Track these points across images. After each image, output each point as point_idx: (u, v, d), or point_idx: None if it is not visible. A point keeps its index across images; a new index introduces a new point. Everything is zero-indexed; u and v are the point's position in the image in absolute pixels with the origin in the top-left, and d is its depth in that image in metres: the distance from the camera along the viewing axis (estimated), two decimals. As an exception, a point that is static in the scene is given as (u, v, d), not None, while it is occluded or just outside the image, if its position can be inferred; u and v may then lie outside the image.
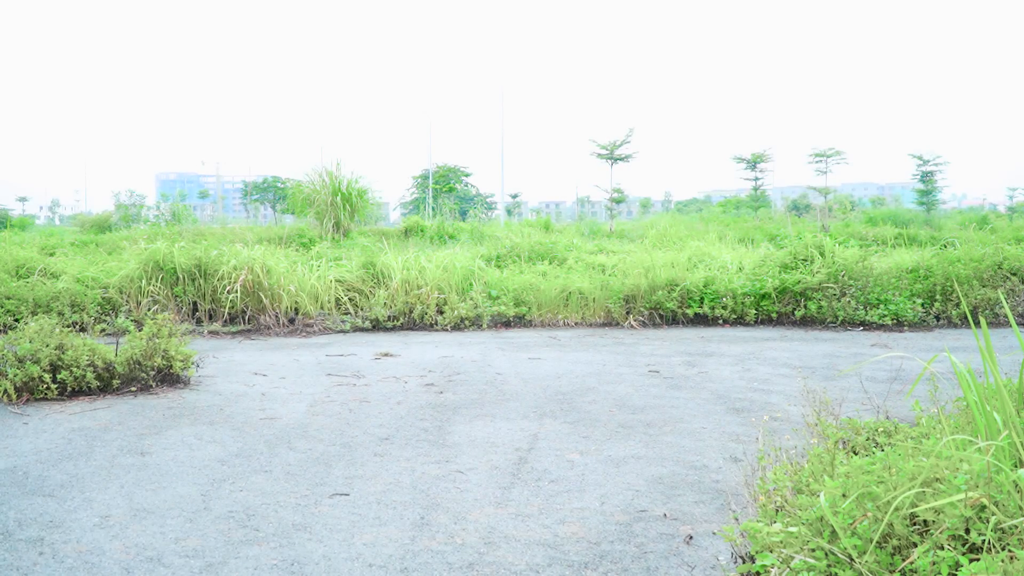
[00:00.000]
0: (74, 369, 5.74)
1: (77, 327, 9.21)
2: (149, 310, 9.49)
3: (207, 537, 3.31)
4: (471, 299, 10.06)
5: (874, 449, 3.25)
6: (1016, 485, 2.18)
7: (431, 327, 9.78)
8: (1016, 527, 2.11)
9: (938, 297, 10.00)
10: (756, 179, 37.31)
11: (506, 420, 5.25)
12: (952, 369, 2.81)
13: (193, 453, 4.50)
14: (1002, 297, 3.88)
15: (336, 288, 10.36)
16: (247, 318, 9.78)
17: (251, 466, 4.27)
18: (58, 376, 5.73)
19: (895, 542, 2.22)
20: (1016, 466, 2.42)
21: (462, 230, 21.92)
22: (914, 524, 2.28)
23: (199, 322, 9.75)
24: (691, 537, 3.30)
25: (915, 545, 2.20)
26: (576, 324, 10.14)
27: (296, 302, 9.87)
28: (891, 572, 2.15)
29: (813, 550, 2.27)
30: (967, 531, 2.15)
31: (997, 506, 2.14)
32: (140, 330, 6.60)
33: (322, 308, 10.19)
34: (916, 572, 2.10)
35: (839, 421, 3.77)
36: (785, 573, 2.26)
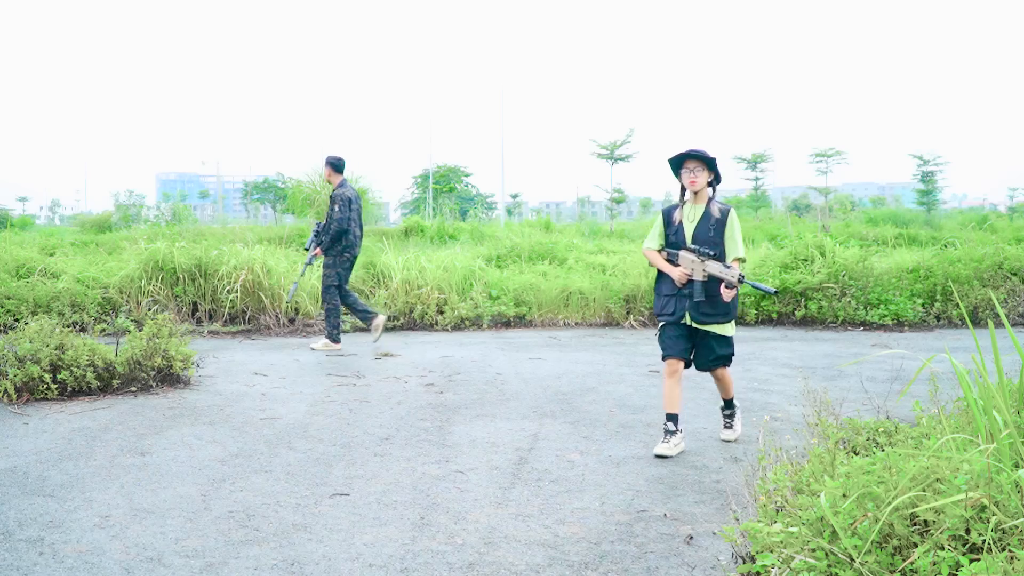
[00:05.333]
0: (74, 369, 5.74)
1: (77, 327, 9.20)
2: (149, 310, 9.48)
3: (207, 537, 3.31)
4: (471, 299, 10.06)
5: (874, 449, 3.25)
6: (1016, 485, 2.18)
7: (431, 327, 9.78)
8: (1016, 527, 2.11)
9: (938, 297, 10.00)
10: (756, 179, 37.33)
11: (506, 420, 5.25)
12: (952, 369, 2.81)
13: (193, 453, 4.50)
14: (994, 299, 3.89)
15: (336, 288, 10.35)
16: (247, 318, 9.78)
17: (251, 466, 4.27)
18: (58, 376, 5.73)
19: (895, 542, 2.22)
20: (1016, 466, 2.41)
21: (462, 230, 21.92)
22: (914, 524, 2.27)
23: (199, 322, 9.75)
24: (691, 537, 3.30)
25: (915, 545, 2.19)
26: (576, 324, 10.14)
27: (296, 302, 9.87)
28: (891, 572, 2.15)
29: (813, 550, 2.27)
30: (967, 531, 2.15)
31: (997, 506, 2.14)
32: (140, 330, 6.59)
33: (322, 308, 10.19)
34: (916, 572, 2.09)
35: (840, 421, 3.76)
36: (785, 573, 2.25)
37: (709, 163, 4.48)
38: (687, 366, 4.64)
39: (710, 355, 4.56)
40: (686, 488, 3.92)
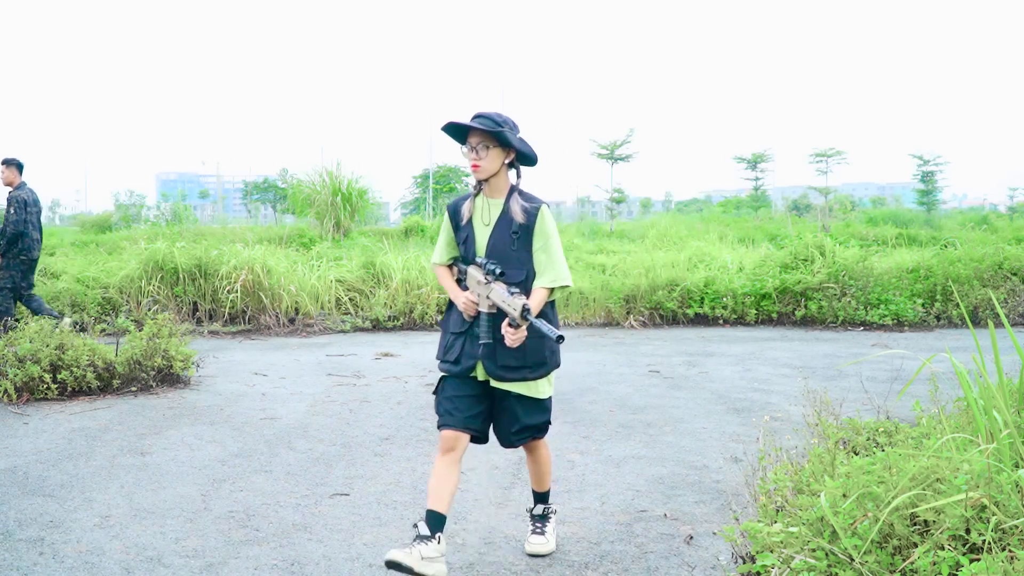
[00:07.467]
0: (74, 369, 5.74)
1: (77, 327, 9.20)
2: (149, 310, 9.48)
3: (207, 537, 3.31)
4: (471, 299, 10.04)
5: (875, 449, 3.25)
6: (1016, 485, 2.18)
7: (432, 327, 9.77)
8: (1016, 527, 2.11)
9: (939, 297, 10.00)
10: (756, 179, 37.34)
11: (506, 420, 5.24)
12: (953, 369, 2.81)
13: (193, 453, 4.50)
14: (994, 299, 3.89)
15: (336, 288, 10.36)
16: (247, 318, 9.78)
17: (251, 466, 4.27)
18: (58, 376, 5.73)
19: (895, 542, 2.22)
20: (1016, 466, 2.41)
21: (462, 230, 21.85)
22: (914, 524, 2.27)
23: (199, 322, 9.75)
24: (691, 537, 3.30)
25: (916, 545, 2.19)
26: (576, 324, 10.14)
27: (296, 302, 9.86)
28: (891, 572, 2.15)
29: (814, 550, 2.27)
30: (967, 531, 2.15)
31: (998, 506, 2.14)
32: (140, 330, 6.59)
33: (322, 308, 10.20)
34: (916, 572, 2.09)
35: (840, 421, 3.76)
36: (785, 573, 2.25)
37: (499, 138, 2.92)
38: (479, 440, 3.14)
39: (513, 425, 3.05)
40: (686, 488, 3.92)
